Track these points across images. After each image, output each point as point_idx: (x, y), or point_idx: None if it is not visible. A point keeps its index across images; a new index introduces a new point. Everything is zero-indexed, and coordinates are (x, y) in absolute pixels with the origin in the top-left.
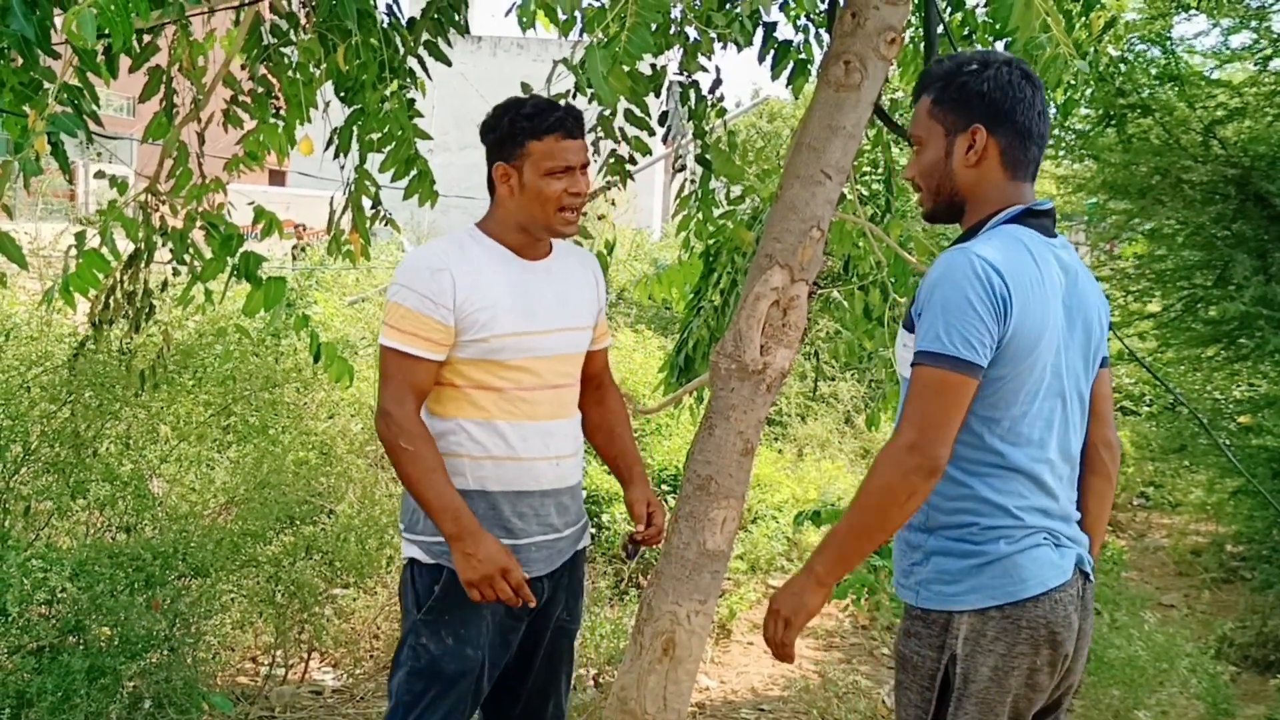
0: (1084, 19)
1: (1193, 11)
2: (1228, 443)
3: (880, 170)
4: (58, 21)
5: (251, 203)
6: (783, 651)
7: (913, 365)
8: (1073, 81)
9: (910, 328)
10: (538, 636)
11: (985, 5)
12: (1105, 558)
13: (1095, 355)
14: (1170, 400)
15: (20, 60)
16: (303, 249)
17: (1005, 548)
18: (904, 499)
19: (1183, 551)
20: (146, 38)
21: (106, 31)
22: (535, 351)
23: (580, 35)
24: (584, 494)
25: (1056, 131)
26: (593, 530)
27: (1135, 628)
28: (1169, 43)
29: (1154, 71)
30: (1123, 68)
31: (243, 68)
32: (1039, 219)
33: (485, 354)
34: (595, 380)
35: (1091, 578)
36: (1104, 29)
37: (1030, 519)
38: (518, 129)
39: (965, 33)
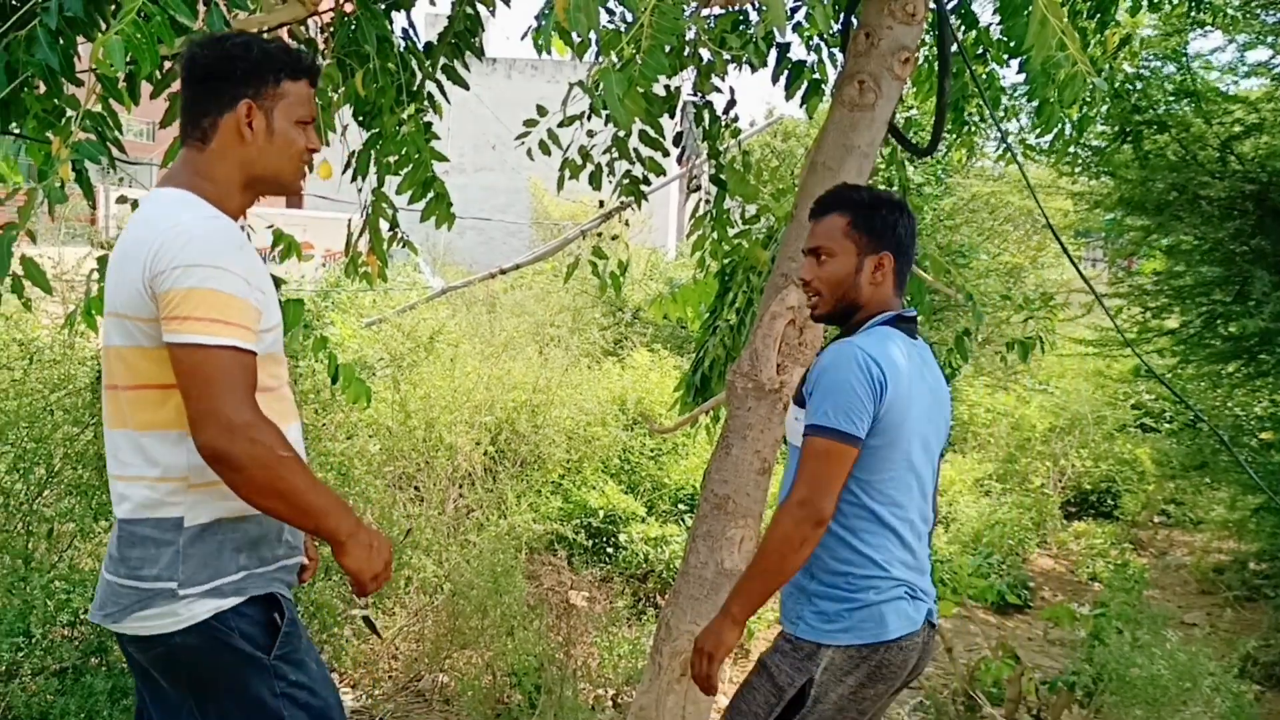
0: (1099, 36)
1: (1209, 28)
2: (1249, 459)
3: (895, 189)
4: (80, 50)
5: (270, 226)
6: (707, 685)
7: (804, 436)
8: (1088, 98)
9: (801, 404)
10: None
11: (999, 24)
12: (1127, 577)
13: (943, 440)
14: (1190, 417)
15: (44, 88)
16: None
17: (874, 597)
18: (798, 545)
19: (1205, 569)
20: (167, 64)
21: (132, 59)
22: (281, 340)
23: (596, 57)
24: None
25: (1072, 148)
26: (609, 550)
27: (1157, 647)
28: (1185, 59)
29: (1170, 87)
30: (1138, 84)
31: None
32: (907, 323)
33: (269, 347)
34: None
35: (935, 625)
36: (1119, 46)
37: (895, 571)
38: (275, 63)
39: (979, 51)
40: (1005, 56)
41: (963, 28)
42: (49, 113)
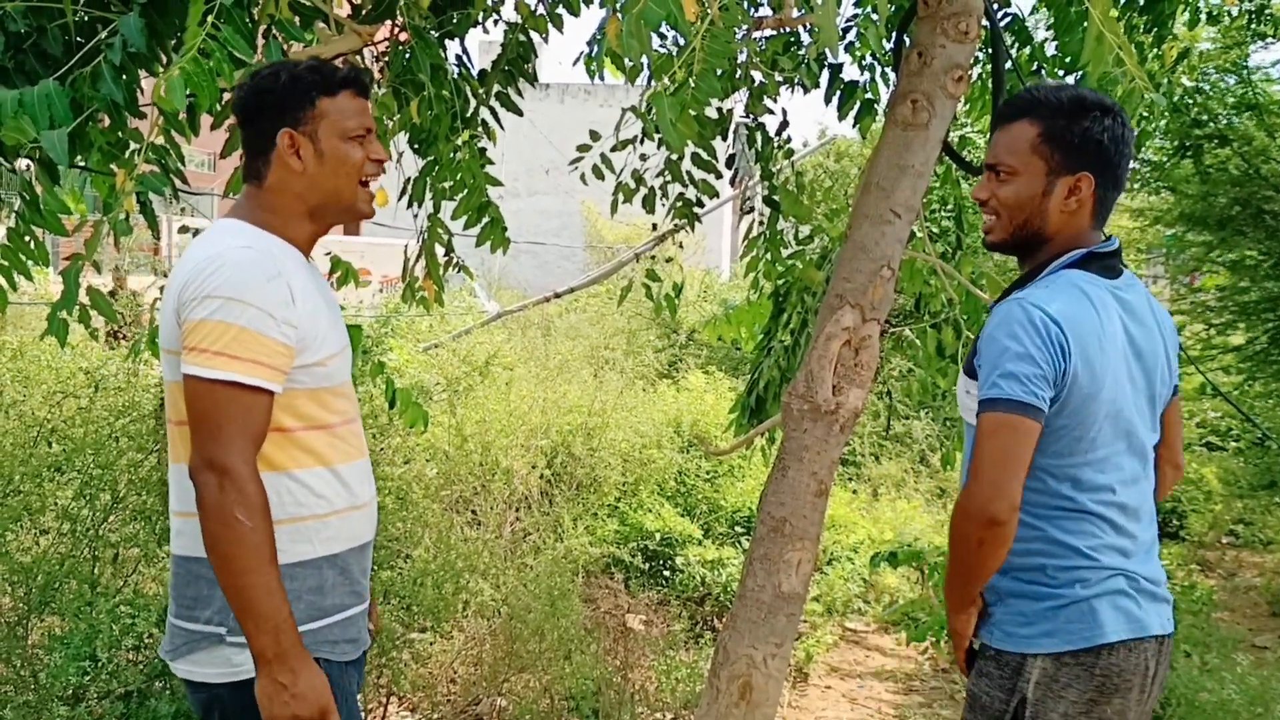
0: (1156, 50)
1: (1270, 39)
2: None
3: (950, 207)
4: (143, 84)
5: (328, 253)
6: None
7: (977, 415)
8: (1146, 114)
9: (972, 374)
10: None
11: (1054, 40)
12: (1194, 599)
13: (1161, 395)
14: (1258, 435)
15: (109, 122)
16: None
17: (1081, 591)
18: (975, 546)
19: (1276, 591)
20: (227, 96)
21: (192, 94)
22: (348, 372)
23: (648, 81)
24: None
25: (1130, 164)
26: (666, 573)
27: (1228, 671)
28: (1246, 71)
29: (1231, 101)
30: (1197, 98)
31: None
32: (1102, 260)
33: (320, 381)
34: None
35: (1171, 625)
36: (1177, 60)
37: (1105, 558)
38: (304, 84)
39: (1034, 68)
40: (1060, 73)
41: (1016, 44)
42: (113, 146)
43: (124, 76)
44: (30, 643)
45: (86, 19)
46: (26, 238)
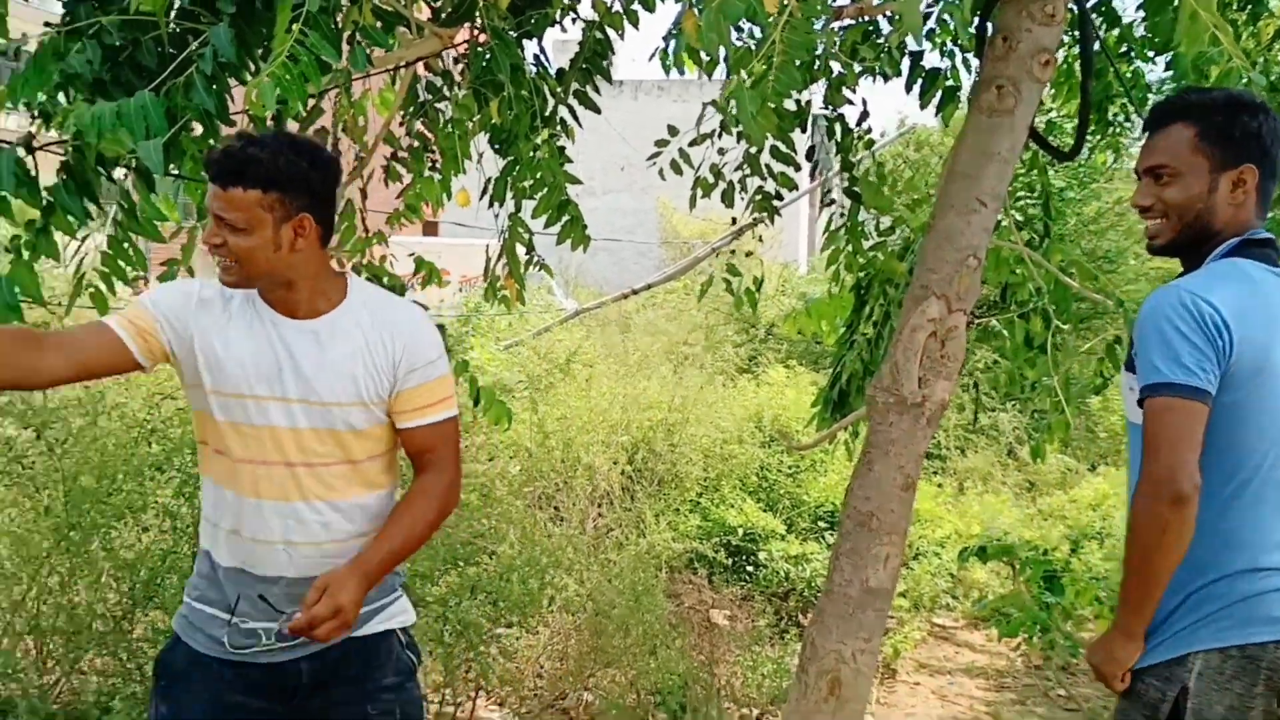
0: (1251, 28)
1: None
2: None
3: (1037, 194)
4: (234, 92)
5: (412, 254)
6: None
7: (1141, 402)
8: None
9: (1133, 369)
10: None
11: (1144, 20)
12: None
13: None
14: None
15: (201, 130)
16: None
17: (1246, 587)
18: (1159, 533)
19: None
20: (311, 101)
21: (283, 98)
22: (268, 420)
23: (725, 74)
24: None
25: None
26: (749, 569)
27: None
28: None
29: None
30: None
31: (400, 124)
32: (1259, 248)
33: (204, 406)
34: (415, 461)
35: None
36: (1274, 37)
37: (1271, 558)
38: None
39: (1123, 49)
40: (1150, 53)
41: (1105, 26)
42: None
43: (215, 85)
44: (135, 636)
45: (178, 31)
46: (125, 245)
